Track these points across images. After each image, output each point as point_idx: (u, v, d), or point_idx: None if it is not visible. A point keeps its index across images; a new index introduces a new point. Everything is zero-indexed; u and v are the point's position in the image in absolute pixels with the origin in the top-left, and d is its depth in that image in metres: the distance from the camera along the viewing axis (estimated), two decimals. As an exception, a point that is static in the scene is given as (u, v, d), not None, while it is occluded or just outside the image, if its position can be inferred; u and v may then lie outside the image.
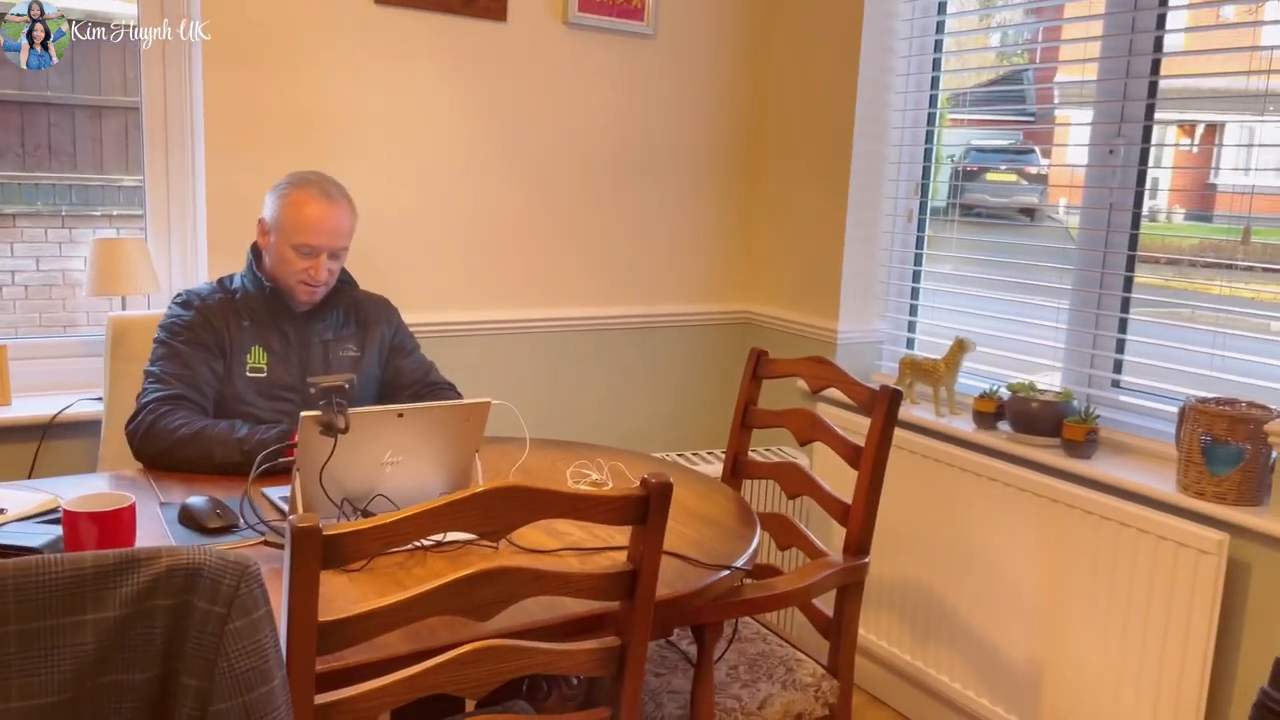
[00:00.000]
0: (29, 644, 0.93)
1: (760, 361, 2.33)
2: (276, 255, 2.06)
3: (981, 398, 2.55)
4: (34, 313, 3.21)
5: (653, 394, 3.23)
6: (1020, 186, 3.03)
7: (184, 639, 1.00)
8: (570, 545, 1.67)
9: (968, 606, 2.55)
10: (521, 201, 2.92)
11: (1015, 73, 2.99)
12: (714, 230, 3.27)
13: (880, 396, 1.99)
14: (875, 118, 2.95)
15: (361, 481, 1.67)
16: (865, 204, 2.99)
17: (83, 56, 2.95)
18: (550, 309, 3.02)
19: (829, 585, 1.94)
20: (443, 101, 2.76)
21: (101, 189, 3.11)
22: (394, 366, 2.24)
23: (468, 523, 1.26)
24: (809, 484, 2.14)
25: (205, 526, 1.64)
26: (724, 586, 1.63)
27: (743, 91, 3.23)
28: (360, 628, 1.21)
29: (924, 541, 2.65)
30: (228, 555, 1.01)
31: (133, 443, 1.94)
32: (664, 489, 1.35)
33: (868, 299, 3.05)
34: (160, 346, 2.03)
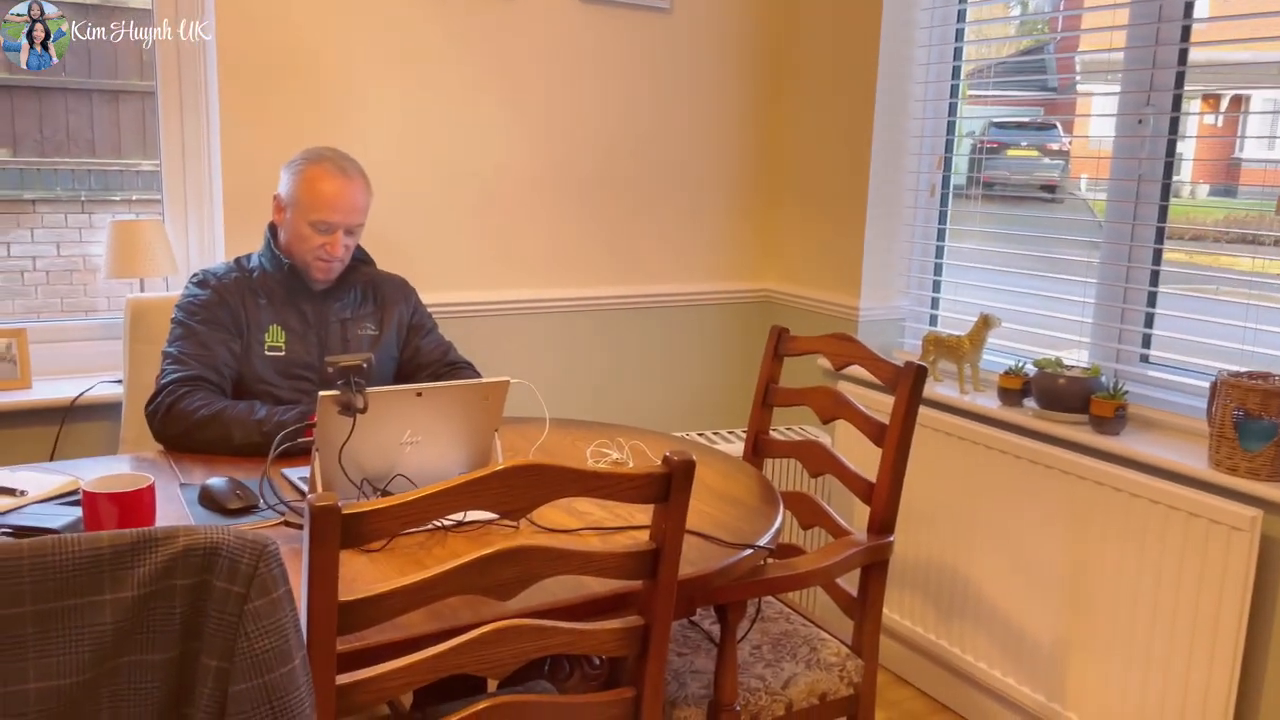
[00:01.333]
0: (47, 624, 0.92)
1: (781, 339, 2.30)
2: (293, 231, 2.05)
3: (1007, 374, 2.51)
4: (55, 298, 3.21)
5: (673, 373, 3.21)
6: (1041, 162, 2.97)
7: (203, 619, 0.99)
8: (591, 524, 1.66)
9: (993, 585, 2.52)
10: (538, 180, 2.90)
11: (1036, 47, 2.94)
12: (733, 208, 3.23)
13: (905, 373, 1.96)
14: (897, 91, 2.90)
15: (381, 461, 1.66)
16: (887, 180, 2.94)
17: (99, 42, 2.94)
18: (568, 288, 3.00)
19: (853, 564, 1.92)
20: (457, 78, 2.73)
21: (120, 174, 3.10)
22: (412, 346, 2.23)
23: (488, 501, 1.24)
24: (832, 462, 2.12)
25: (225, 507, 1.63)
26: (747, 566, 1.61)
27: (761, 65, 3.18)
28: (381, 607, 1.20)
29: (948, 520, 2.62)
30: (246, 535, 1.00)
31: (152, 424, 1.93)
32: (686, 467, 1.33)
33: (889, 275, 3.01)
34: (178, 327, 2.02)
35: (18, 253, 3.22)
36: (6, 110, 2.84)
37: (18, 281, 3.22)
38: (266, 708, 0.98)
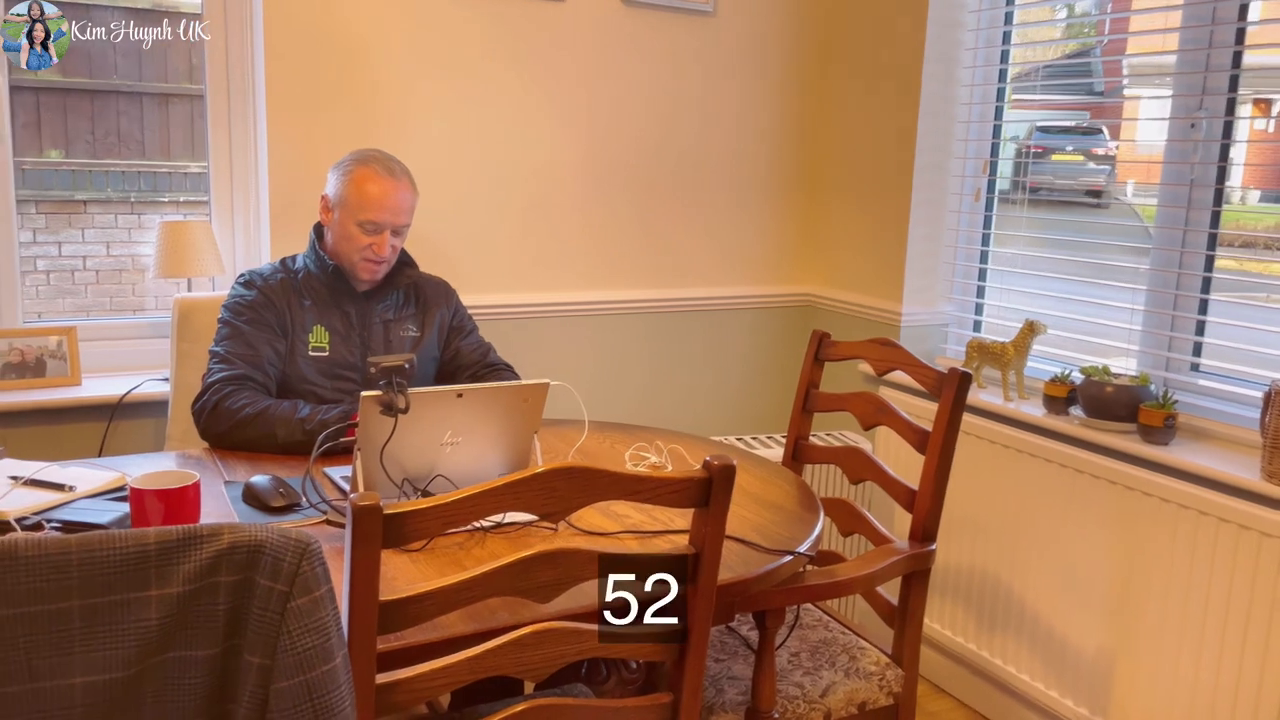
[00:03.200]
0: (93, 619, 0.94)
1: (823, 344, 2.28)
2: (340, 231, 2.07)
3: (1053, 382, 2.47)
4: (104, 296, 3.27)
5: (712, 377, 3.19)
6: (1087, 167, 2.93)
7: (246, 616, 1.00)
8: (629, 528, 1.65)
9: (1036, 596, 2.48)
10: (581, 181, 2.90)
11: (1082, 50, 2.89)
12: (775, 211, 3.22)
13: (949, 379, 1.94)
14: (942, 95, 2.87)
15: (421, 462, 1.66)
16: (931, 183, 2.91)
17: (150, 46, 2.99)
18: (608, 291, 3.00)
19: (895, 572, 1.90)
20: (502, 82, 2.74)
21: (169, 175, 3.15)
22: (453, 347, 2.24)
23: (528, 503, 1.24)
24: (873, 469, 2.09)
25: (269, 505, 1.65)
26: (787, 572, 1.60)
27: (805, 68, 3.17)
28: (421, 607, 1.20)
29: (990, 528, 2.59)
30: (289, 533, 1.01)
31: (198, 422, 1.96)
32: (727, 471, 1.32)
33: (933, 280, 2.98)
34: (224, 326, 2.05)
35: (69, 252, 3.29)
36: (60, 112, 2.90)
37: (68, 280, 3.29)
38: (308, 705, 0.99)
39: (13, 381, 2.39)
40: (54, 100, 2.91)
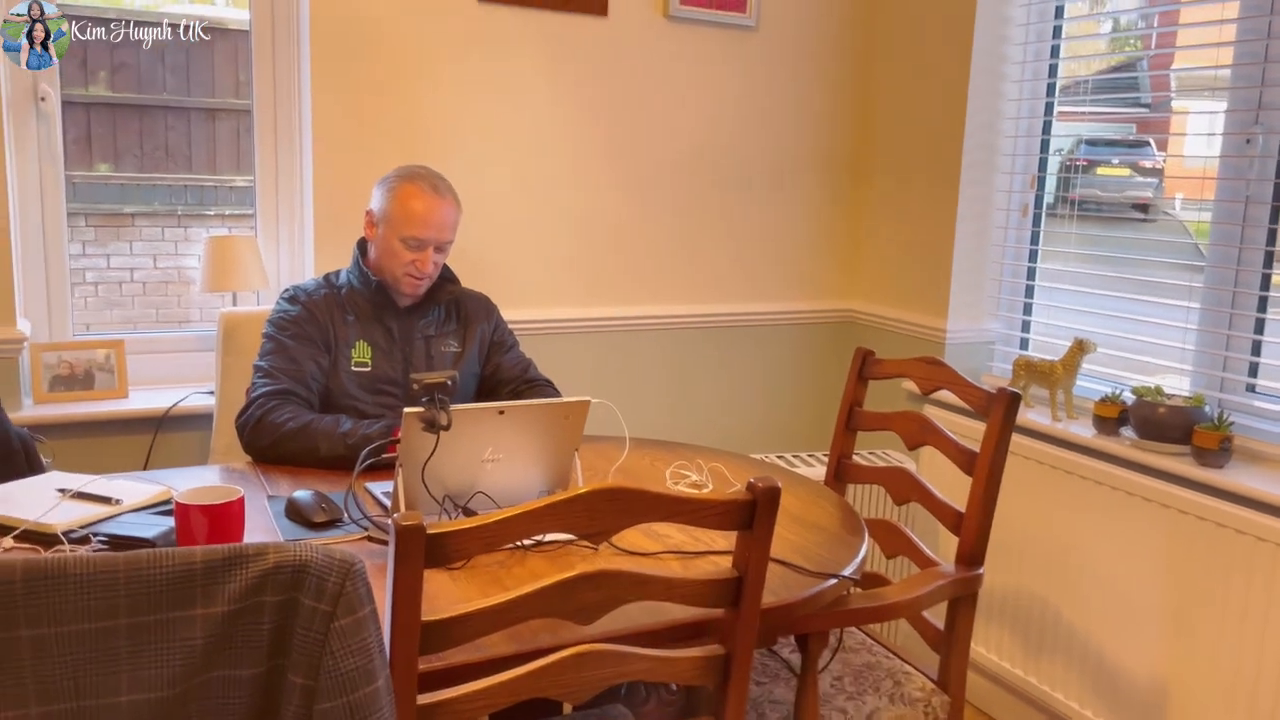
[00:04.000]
0: (140, 638, 0.94)
1: (866, 362, 2.25)
2: (384, 247, 2.08)
3: (1103, 402, 2.42)
4: (151, 309, 3.32)
5: (753, 394, 3.17)
6: (1134, 181, 2.87)
7: (290, 636, 0.99)
8: (671, 548, 1.63)
9: (1086, 621, 2.42)
10: (622, 197, 2.90)
11: (1128, 62, 2.84)
12: (817, 226, 3.19)
13: (997, 399, 1.90)
14: (988, 108, 2.83)
15: (462, 478, 1.66)
16: (977, 198, 2.87)
17: (197, 61, 3.04)
18: (649, 306, 2.99)
19: (941, 597, 1.86)
20: (544, 98, 2.75)
21: (215, 189, 3.20)
22: (493, 363, 2.24)
23: (570, 524, 1.23)
24: (919, 490, 2.06)
25: (311, 520, 1.65)
26: (831, 595, 1.57)
27: (848, 82, 3.14)
28: (463, 628, 1.19)
29: (1039, 551, 2.53)
30: (333, 552, 1.00)
31: (242, 436, 1.97)
32: (771, 494, 1.30)
33: (979, 297, 2.93)
34: (268, 341, 2.06)
35: (117, 264, 3.34)
36: (109, 127, 2.95)
37: (116, 292, 3.34)
38: (350, 728, 0.98)
39: (62, 394, 2.42)
40: (104, 115, 2.97)
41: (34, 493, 1.62)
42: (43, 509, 1.53)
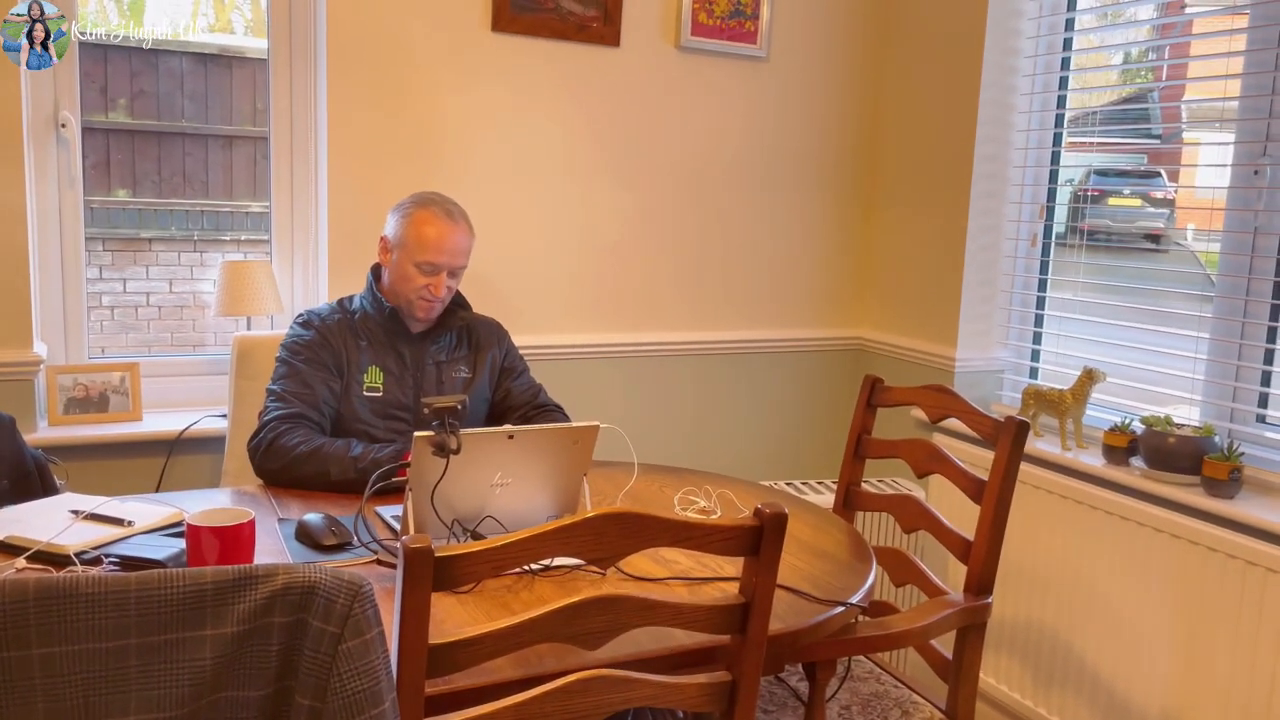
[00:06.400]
0: (150, 657, 0.94)
1: (875, 389, 2.26)
2: (398, 272, 2.11)
3: (1112, 431, 2.42)
4: (166, 332, 3.35)
5: (761, 421, 3.17)
6: (1145, 211, 2.88)
7: (298, 657, 1.00)
8: (678, 574, 1.64)
9: (1095, 652, 2.41)
10: (632, 225, 2.92)
11: (1139, 93, 2.86)
12: (826, 255, 3.21)
13: (1005, 428, 1.90)
14: (997, 138, 2.85)
15: (471, 502, 1.67)
16: (986, 228, 2.89)
17: (215, 88, 3.08)
18: (660, 333, 3.00)
19: (949, 625, 1.85)
20: (555, 126, 2.78)
21: (231, 215, 3.23)
22: (504, 388, 2.26)
23: (578, 548, 1.24)
24: (927, 518, 2.06)
25: (321, 543, 1.66)
26: (838, 623, 1.57)
27: (857, 112, 3.17)
28: (470, 652, 1.20)
29: (1048, 581, 2.52)
30: (342, 574, 1.01)
31: (254, 459, 1.99)
32: (778, 519, 1.30)
33: (988, 326, 2.94)
34: (282, 365, 2.08)
35: (133, 288, 3.38)
36: (128, 153, 2.99)
37: (132, 316, 3.37)
38: (357, 750, 0.99)
39: (77, 416, 2.44)
40: (123, 142, 3.01)
41: (47, 514, 1.64)
42: (55, 530, 1.55)
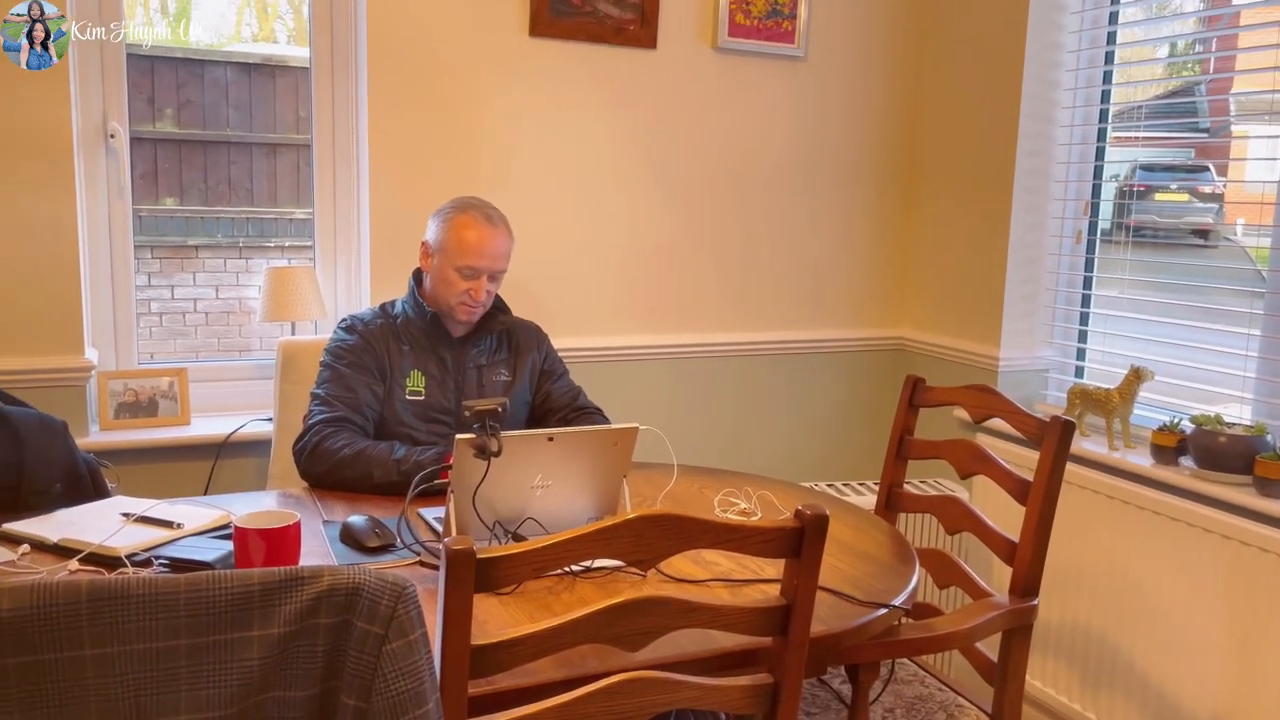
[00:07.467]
0: (199, 658, 0.96)
1: (917, 390, 2.24)
2: (439, 276, 2.13)
3: (1161, 431, 2.38)
4: (213, 337, 3.42)
5: (802, 422, 3.16)
6: (1193, 206, 2.82)
7: (343, 658, 1.01)
8: (719, 575, 1.63)
9: (1144, 654, 2.37)
10: (671, 227, 2.92)
11: (1185, 86, 2.80)
12: (867, 254, 3.18)
13: (1051, 428, 1.88)
14: (1040, 133, 2.81)
15: (512, 504, 1.68)
16: (1029, 225, 2.85)
17: (259, 97, 3.14)
18: (699, 334, 3.00)
19: (994, 628, 1.83)
20: (593, 130, 2.79)
21: (275, 221, 3.28)
22: (544, 391, 2.27)
23: (618, 549, 1.24)
24: (972, 520, 2.03)
25: (365, 545, 1.68)
26: (881, 625, 1.56)
27: (897, 109, 3.14)
28: (512, 653, 1.21)
29: (1095, 582, 2.48)
30: (385, 576, 1.02)
31: (299, 462, 2.01)
32: (819, 521, 1.30)
33: (1032, 324, 2.90)
34: (325, 369, 2.11)
35: (181, 295, 3.44)
36: (175, 163, 3.05)
37: (180, 322, 3.44)
38: (401, 750, 1.00)
39: (127, 420, 2.49)
40: (170, 151, 3.07)
41: (99, 517, 1.68)
42: (107, 533, 1.58)
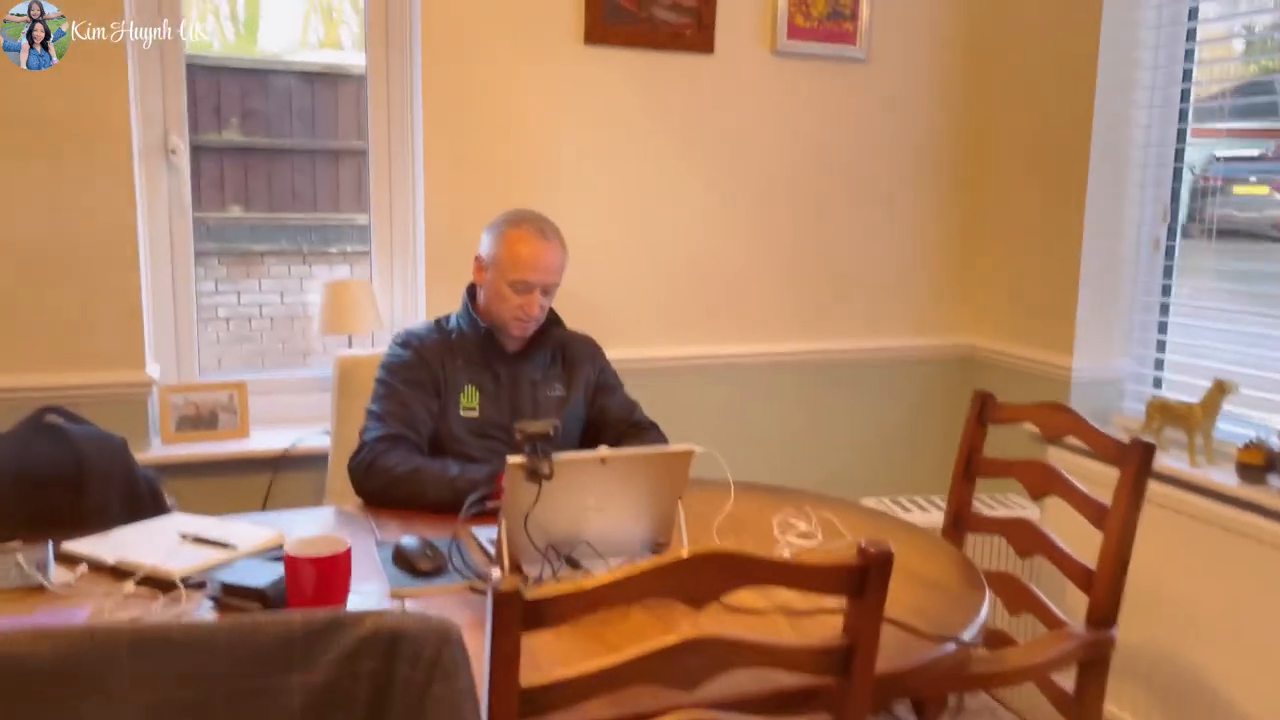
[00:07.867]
0: (238, 704, 0.94)
1: (986, 406, 2.15)
2: (493, 291, 2.11)
3: (1247, 447, 2.26)
4: (278, 343, 3.45)
5: (866, 433, 3.08)
6: (1275, 199, 2.68)
7: (387, 703, 0.98)
8: (780, 605, 1.58)
9: (1230, 683, 2.25)
10: (729, 234, 2.86)
11: (1264, 76, 2.66)
12: (933, 259, 3.09)
13: (1131, 451, 1.78)
14: (1115, 129, 2.69)
15: (565, 527, 1.64)
16: (1104, 231, 2.73)
17: (321, 105, 3.15)
18: (758, 343, 2.94)
19: (1069, 660, 1.75)
20: (651, 136, 2.74)
21: (338, 228, 3.30)
22: (598, 405, 2.23)
23: (673, 588, 1.19)
24: (1044, 544, 1.95)
25: (416, 568, 1.66)
26: (949, 662, 1.49)
27: (962, 109, 3.04)
28: (562, 694, 1.17)
29: (1176, 606, 2.37)
30: (430, 619, 0.99)
31: (354, 479, 2.01)
32: (884, 560, 1.23)
33: (1108, 332, 2.78)
34: (381, 386, 2.10)
35: (246, 301, 3.48)
36: (241, 171, 3.08)
37: (246, 328, 3.48)
38: (445, 801, 0.97)
39: (187, 434, 2.52)
40: (235, 159, 3.10)
41: (155, 536, 1.68)
42: (162, 554, 1.58)
